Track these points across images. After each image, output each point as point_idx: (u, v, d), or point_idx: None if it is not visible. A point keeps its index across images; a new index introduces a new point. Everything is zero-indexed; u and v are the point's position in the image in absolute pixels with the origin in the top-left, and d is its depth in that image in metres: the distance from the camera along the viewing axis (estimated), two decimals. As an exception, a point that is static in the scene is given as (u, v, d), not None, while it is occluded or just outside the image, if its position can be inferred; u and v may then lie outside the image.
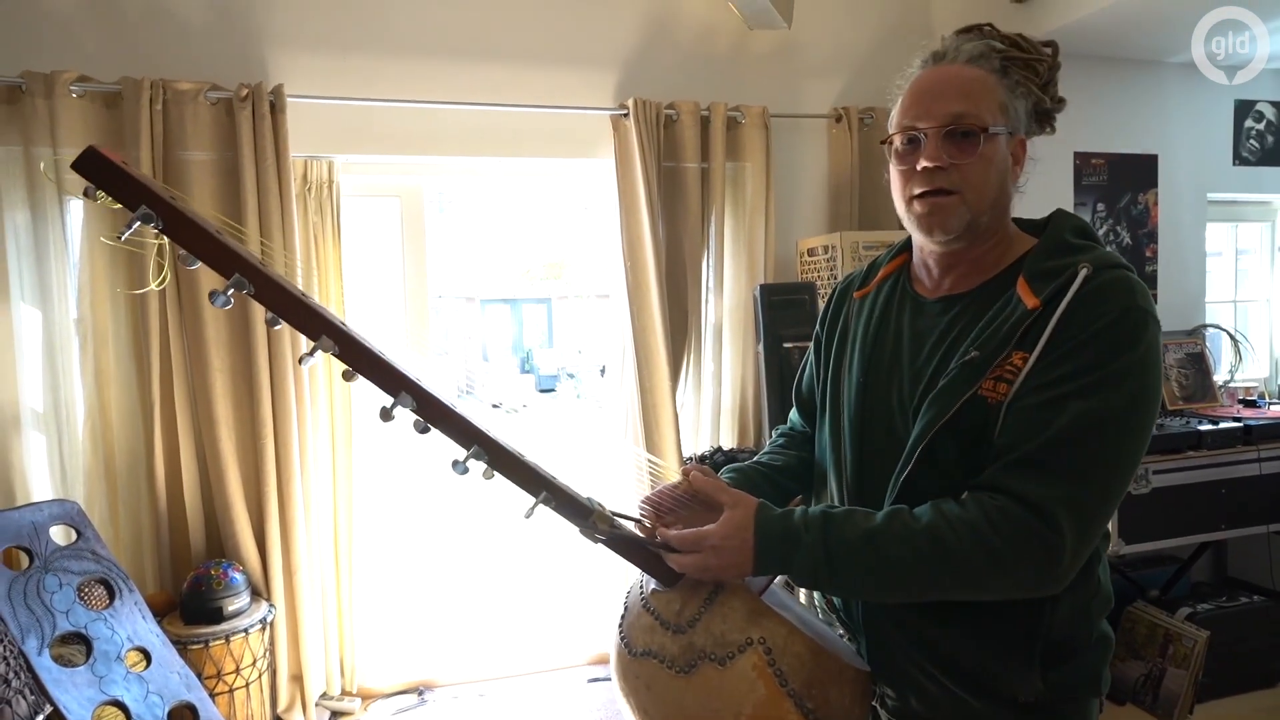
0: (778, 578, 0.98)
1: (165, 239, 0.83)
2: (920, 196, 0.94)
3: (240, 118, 2.39)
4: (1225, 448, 2.51)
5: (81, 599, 2.02)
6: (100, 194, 0.80)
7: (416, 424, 0.90)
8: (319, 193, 2.60)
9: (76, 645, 1.95)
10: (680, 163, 2.83)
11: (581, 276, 3.28)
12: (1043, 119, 1.02)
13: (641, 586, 1.02)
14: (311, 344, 0.86)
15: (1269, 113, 3.19)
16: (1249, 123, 3.17)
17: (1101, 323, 0.84)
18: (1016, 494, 0.83)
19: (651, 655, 0.92)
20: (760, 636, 0.88)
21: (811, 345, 1.21)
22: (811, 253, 2.91)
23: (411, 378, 0.89)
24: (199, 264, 0.84)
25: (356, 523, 2.68)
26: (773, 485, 1.14)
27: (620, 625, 1.00)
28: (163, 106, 2.35)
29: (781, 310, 2.62)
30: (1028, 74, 0.97)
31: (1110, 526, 2.36)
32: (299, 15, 2.57)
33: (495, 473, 0.92)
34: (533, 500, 0.92)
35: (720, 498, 0.93)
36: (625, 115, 2.73)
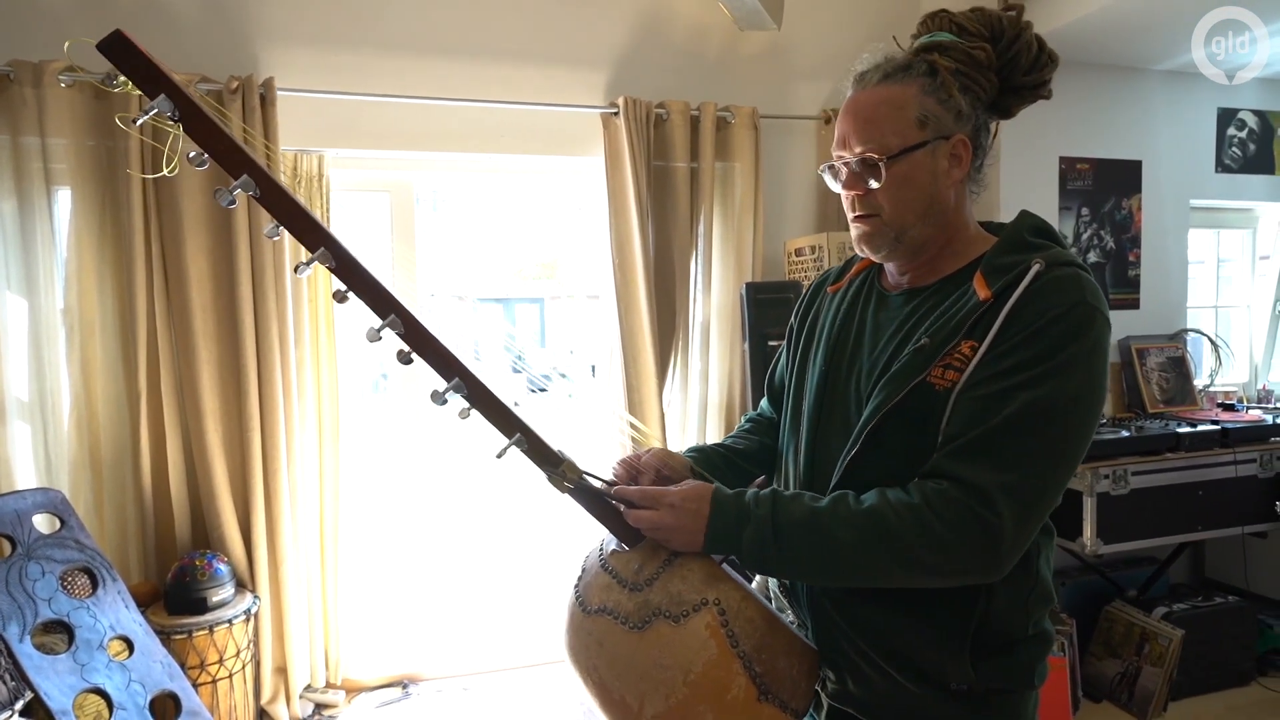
0: (731, 562, 1.00)
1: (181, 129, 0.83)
2: (854, 219, 1.01)
3: (230, 110, 2.39)
4: (1203, 450, 2.55)
5: (64, 587, 2.02)
6: (121, 79, 0.80)
7: (400, 354, 0.91)
8: (309, 186, 2.60)
9: (58, 633, 1.95)
10: (670, 162, 2.85)
11: (574, 277, 3.29)
12: (1011, 98, 1.00)
13: (601, 549, 1.04)
14: (309, 255, 0.88)
15: (1251, 120, 3.23)
16: (1231, 130, 3.21)
17: (1050, 315, 0.86)
18: (959, 478, 0.85)
19: (606, 612, 0.94)
20: (716, 598, 0.90)
21: (786, 336, 1.24)
22: (799, 253, 2.93)
23: (401, 303, 0.90)
24: (209, 164, 0.84)
25: (343, 516, 2.68)
26: (732, 467, 1.17)
27: (576, 585, 1.02)
28: (153, 98, 2.35)
29: (767, 308, 2.65)
30: (966, 66, 0.95)
31: (1087, 526, 2.39)
32: (290, 9, 2.58)
33: (473, 410, 0.93)
34: (506, 441, 0.94)
35: (685, 473, 1.03)
36: (615, 114, 2.75)
